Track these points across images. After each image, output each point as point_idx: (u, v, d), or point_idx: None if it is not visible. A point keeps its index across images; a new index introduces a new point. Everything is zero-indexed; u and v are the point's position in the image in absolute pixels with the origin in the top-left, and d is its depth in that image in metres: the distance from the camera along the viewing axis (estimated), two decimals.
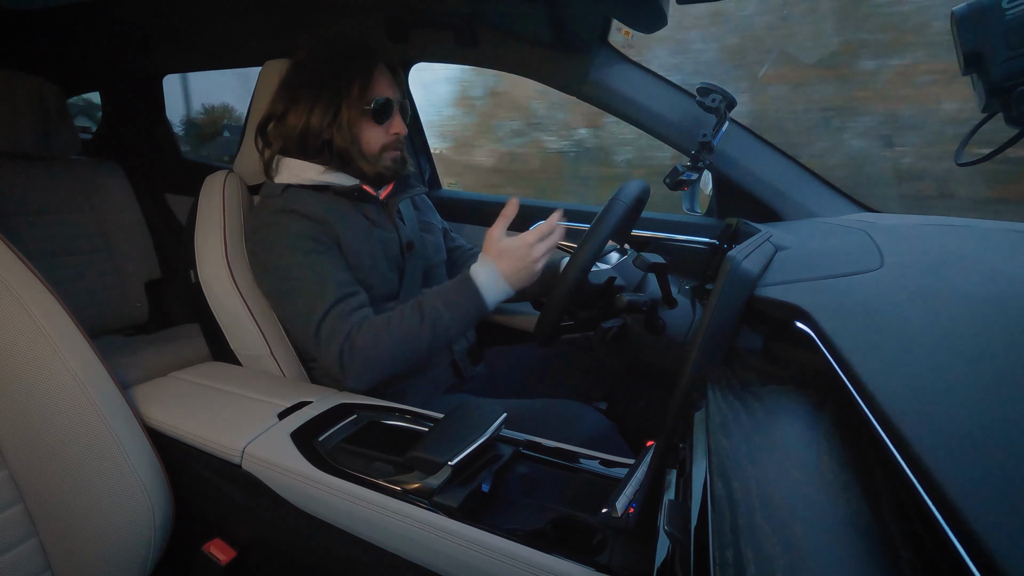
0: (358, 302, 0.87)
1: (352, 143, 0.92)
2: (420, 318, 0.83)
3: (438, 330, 0.83)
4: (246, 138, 1.06)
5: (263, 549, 0.78)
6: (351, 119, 0.91)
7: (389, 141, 0.95)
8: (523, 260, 0.83)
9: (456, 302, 0.83)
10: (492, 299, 0.84)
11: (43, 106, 1.38)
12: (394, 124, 0.95)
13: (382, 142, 0.94)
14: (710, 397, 0.44)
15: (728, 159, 1.10)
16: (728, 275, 0.51)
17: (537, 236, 0.83)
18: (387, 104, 0.93)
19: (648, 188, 0.86)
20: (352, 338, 0.83)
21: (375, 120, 0.92)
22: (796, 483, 0.31)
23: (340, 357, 0.82)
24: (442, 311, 0.83)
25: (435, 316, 0.83)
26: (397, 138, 0.95)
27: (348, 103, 0.90)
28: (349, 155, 0.93)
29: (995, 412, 0.27)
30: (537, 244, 0.83)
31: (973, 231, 0.70)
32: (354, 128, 0.92)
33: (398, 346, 0.82)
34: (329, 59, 0.92)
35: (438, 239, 1.10)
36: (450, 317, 0.83)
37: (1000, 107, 0.53)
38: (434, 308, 0.83)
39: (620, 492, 0.52)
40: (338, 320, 0.84)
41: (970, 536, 0.20)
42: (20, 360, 0.67)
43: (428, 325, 0.83)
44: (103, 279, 1.56)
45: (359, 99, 0.90)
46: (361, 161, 0.93)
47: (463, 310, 0.83)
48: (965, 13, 0.53)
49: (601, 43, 1.12)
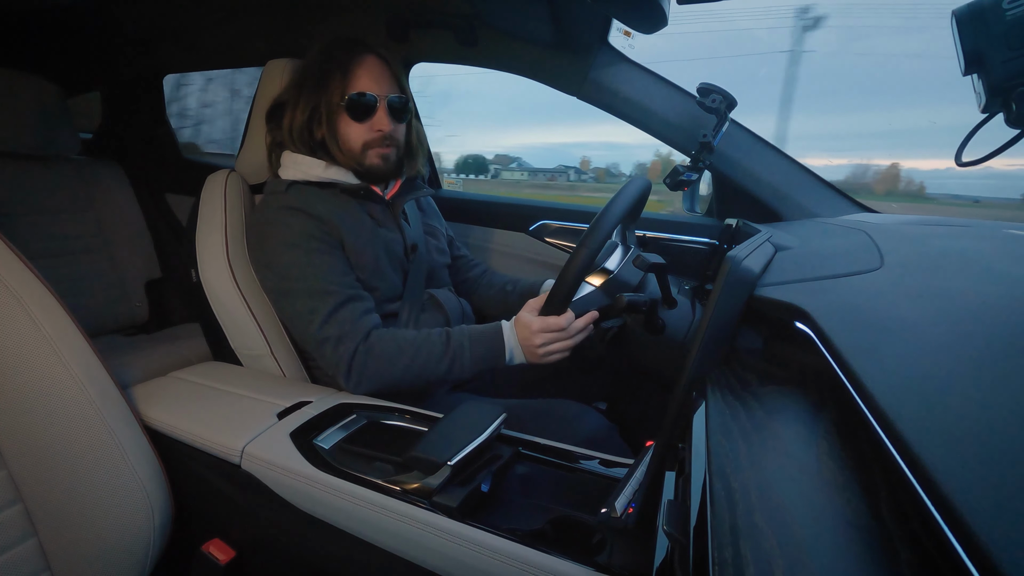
0: (365, 307, 0.87)
1: (332, 139, 0.91)
2: (444, 349, 0.84)
3: (455, 366, 0.84)
4: (248, 138, 1.06)
5: (262, 549, 0.78)
6: (329, 114, 0.90)
7: (372, 138, 0.91)
8: (526, 341, 0.83)
9: (481, 347, 0.85)
10: (510, 359, 0.85)
11: (43, 106, 1.38)
12: (377, 121, 0.91)
13: (364, 139, 0.91)
14: (710, 397, 0.44)
15: (728, 159, 1.10)
16: (728, 275, 0.51)
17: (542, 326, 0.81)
18: (365, 99, 0.89)
19: (649, 185, 0.86)
20: (371, 343, 0.83)
21: (351, 116, 0.90)
22: (795, 483, 0.31)
23: (352, 359, 0.82)
24: (466, 351, 0.84)
25: (458, 352, 0.84)
26: (382, 135, 0.92)
27: (327, 98, 0.90)
28: (330, 151, 0.92)
29: (994, 412, 0.27)
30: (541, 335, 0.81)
31: (973, 231, 0.70)
32: (333, 123, 0.91)
33: (414, 366, 0.83)
34: (319, 56, 0.92)
35: (442, 243, 1.10)
36: (471, 358, 0.84)
37: (1000, 108, 0.53)
38: (460, 345, 0.84)
39: (619, 492, 0.52)
40: (349, 322, 0.84)
41: (969, 536, 0.20)
42: (19, 360, 0.67)
43: (448, 358, 0.84)
44: (103, 279, 1.56)
45: (336, 93, 0.89)
46: (341, 157, 0.92)
47: (485, 358, 0.85)
48: (965, 13, 0.53)
49: (601, 43, 1.12)
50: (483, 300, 1.16)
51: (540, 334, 0.81)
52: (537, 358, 0.84)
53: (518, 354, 0.85)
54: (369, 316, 0.87)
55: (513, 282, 1.14)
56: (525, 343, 0.83)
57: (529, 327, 0.82)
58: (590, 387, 1.12)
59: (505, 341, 0.84)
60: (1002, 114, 0.54)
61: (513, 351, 0.84)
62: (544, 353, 0.83)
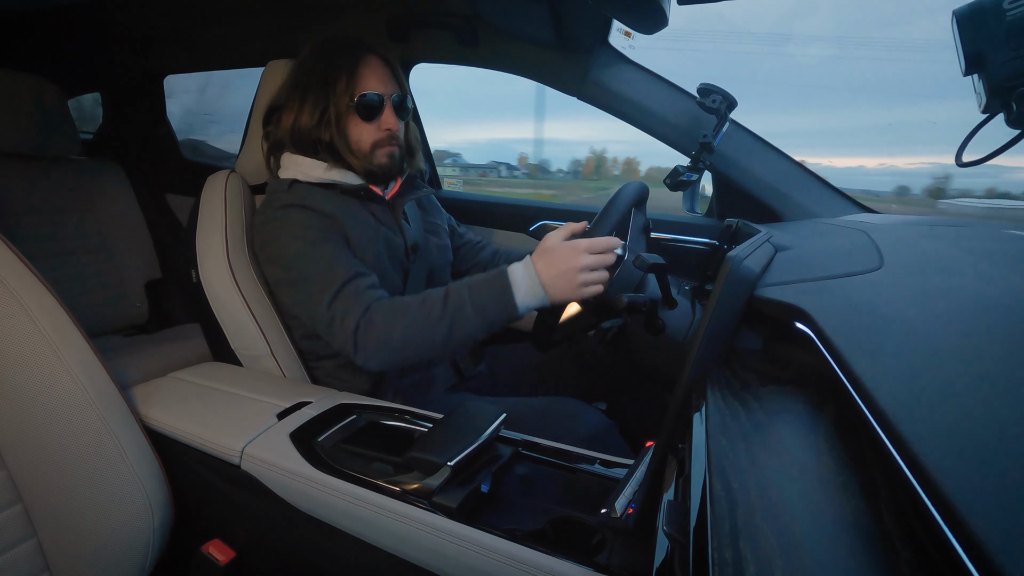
0: (370, 282, 0.86)
1: (342, 140, 0.91)
2: (443, 307, 0.77)
3: (457, 322, 0.76)
4: (248, 138, 1.06)
5: (262, 549, 0.78)
6: (338, 116, 0.90)
7: (381, 137, 0.92)
8: (566, 264, 0.72)
9: (483, 296, 0.76)
10: (523, 302, 0.75)
11: (43, 106, 1.38)
12: (385, 120, 0.92)
13: (373, 139, 0.92)
14: (710, 397, 0.44)
15: (728, 160, 1.10)
16: (728, 275, 0.51)
17: (589, 245, 0.73)
18: (374, 99, 0.90)
19: (647, 189, 0.86)
20: (371, 313, 0.80)
21: (362, 116, 0.91)
22: (795, 483, 0.31)
23: (355, 332, 0.79)
24: (466, 302, 0.76)
25: (458, 306, 0.76)
26: (390, 134, 0.92)
27: (335, 100, 0.89)
28: (339, 152, 0.92)
29: (994, 412, 0.27)
30: (586, 255, 0.72)
31: (973, 231, 0.70)
32: (342, 125, 0.91)
33: (414, 330, 0.77)
34: (319, 57, 0.91)
35: (444, 241, 1.10)
36: (473, 311, 0.76)
37: (1001, 108, 0.53)
38: (459, 296, 0.77)
39: (619, 492, 0.52)
40: (353, 297, 0.82)
41: (969, 536, 0.20)
42: (19, 360, 0.67)
43: (449, 314, 0.76)
44: (103, 279, 1.56)
45: (344, 95, 0.89)
46: (351, 158, 0.92)
47: (488, 307, 0.76)
48: (966, 14, 0.53)
49: (602, 44, 1.12)
50: None
51: (586, 255, 0.72)
52: (575, 287, 0.73)
53: (535, 293, 0.74)
54: (371, 291, 0.84)
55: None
56: (565, 267, 0.72)
57: (575, 247, 0.72)
58: (590, 387, 1.12)
59: (514, 283, 0.75)
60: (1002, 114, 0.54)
61: (528, 290, 0.74)
62: (586, 280, 0.72)
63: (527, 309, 0.76)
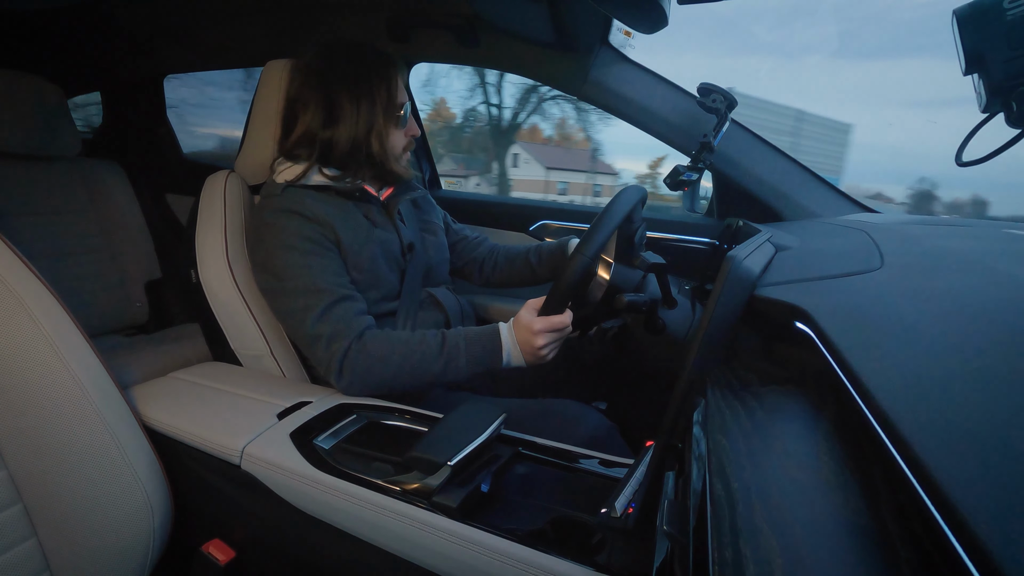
0: (359, 307, 0.88)
1: (383, 151, 0.94)
2: (439, 349, 0.82)
3: (450, 367, 0.82)
4: (248, 138, 1.06)
5: (262, 549, 0.78)
6: (385, 127, 0.93)
7: (407, 143, 0.97)
8: (527, 344, 0.82)
9: (476, 351, 0.83)
10: (506, 361, 0.84)
11: (43, 106, 1.38)
12: (410, 126, 0.97)
13: (403, 144, 0.97)
14: (709, 397, 0.44)
15: (729, 159, 1.10)
16: (728, 275, 0.51)
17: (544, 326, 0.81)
18: (405, 106, 0.95)
19: (646, 192, 0.86)
20: (364, 341, 0.82)
21: (398, 125, 0.95)
22: (795, 483, 0.31)
23: (344, 356, 0.81)
24: (461, 353, 0.83)
25: (454, 353, 0.82)
26: (412, 139, 0.98)
27: (383, 110, 0.92)
28: (384, 161, 0.94)
29: (995, 412, 0.27)
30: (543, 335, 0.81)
31: (973, 231, 0.70)
32: (386, 137, 0.94)
33: (407, 366, 0.82)
34: (358, 65, 0.92)
35: (440, 239, 1.10)
36: (467, 360, 0.83)
37: (1001, 107, 0.53)
38: (455, 346, 0.83)
39: (619, 492, 0.52)
40: (342, 320, 0.83)
41: (969, 536, 0.20)
42: (19, 360, 0.67)
43: (443, 358, 0.82)
44: (103, 279, 1.56)
45: (390, 108, 0.92)
46: (391, 165, 0.95)
47: (481, 360, 0.83)
48: (966, 13, 0.53)
49: (602, 44, 1.12)
50: (507, 276, 1.16)
51: (543, 334, 0.81)
52: (536, 359, 0.83)
53: (516, 356, 0.84)
54: (363, 317, 0.87)
55: (536, 251, 1.13)
56: (525, 344, 0.82)
57: (531, 327, 0.81)
58: (590, 387, 1.12)
59: (503, 343, 0.84)
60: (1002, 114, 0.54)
61: (511, 352, 0.84)
62: (545, 354, 0.83)
63: (507, 366, 0.84)
